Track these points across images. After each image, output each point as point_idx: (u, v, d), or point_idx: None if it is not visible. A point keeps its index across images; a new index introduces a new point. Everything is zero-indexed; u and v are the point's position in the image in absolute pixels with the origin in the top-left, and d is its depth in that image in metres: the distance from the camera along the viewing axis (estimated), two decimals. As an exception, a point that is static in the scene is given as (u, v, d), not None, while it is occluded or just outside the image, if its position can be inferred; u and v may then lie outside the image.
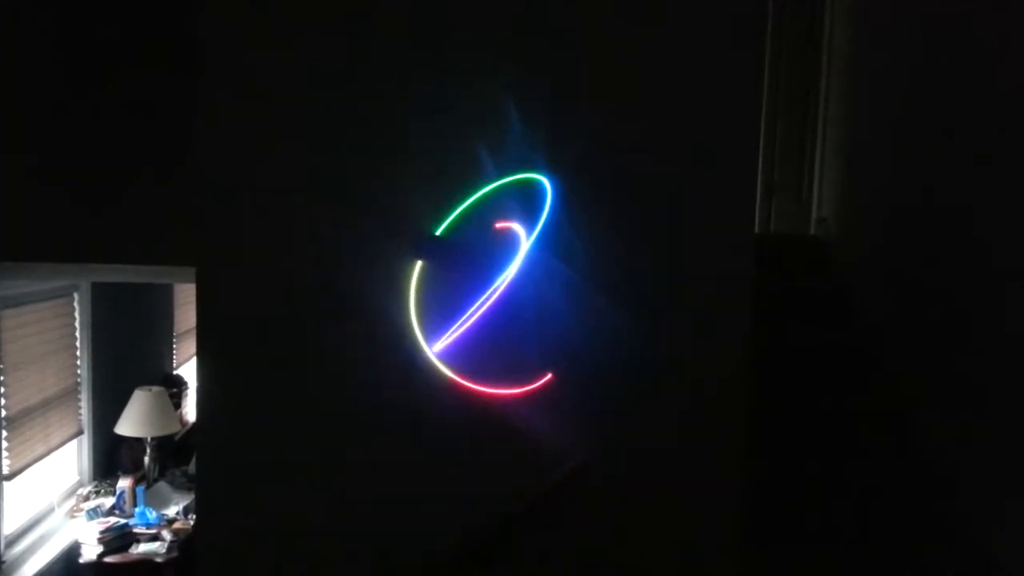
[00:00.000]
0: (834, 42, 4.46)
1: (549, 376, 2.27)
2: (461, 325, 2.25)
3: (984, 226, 2.68)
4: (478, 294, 2.26)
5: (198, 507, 2.45)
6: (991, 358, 2.57)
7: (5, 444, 3.67)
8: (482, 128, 2.27)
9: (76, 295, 4.33)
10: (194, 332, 2.32)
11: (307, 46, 2.28)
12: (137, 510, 4.34)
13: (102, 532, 4.06)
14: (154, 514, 4.35)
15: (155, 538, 4.19)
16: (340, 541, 2.35)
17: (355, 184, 2.30)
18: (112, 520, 4.19)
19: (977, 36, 2.83)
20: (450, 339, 2.26)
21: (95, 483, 4.54)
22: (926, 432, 2.95)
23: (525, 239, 2.24)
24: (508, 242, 2.27)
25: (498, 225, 2.25)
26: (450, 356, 2.28)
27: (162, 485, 4.71)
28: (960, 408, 2.77)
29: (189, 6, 2.32)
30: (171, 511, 4.49)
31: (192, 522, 4.31)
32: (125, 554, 4.08)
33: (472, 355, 2.28)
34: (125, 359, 4.90)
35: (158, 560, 4.07)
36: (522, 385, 2.29)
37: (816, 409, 3.18)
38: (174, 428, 4.84)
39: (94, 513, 4.22)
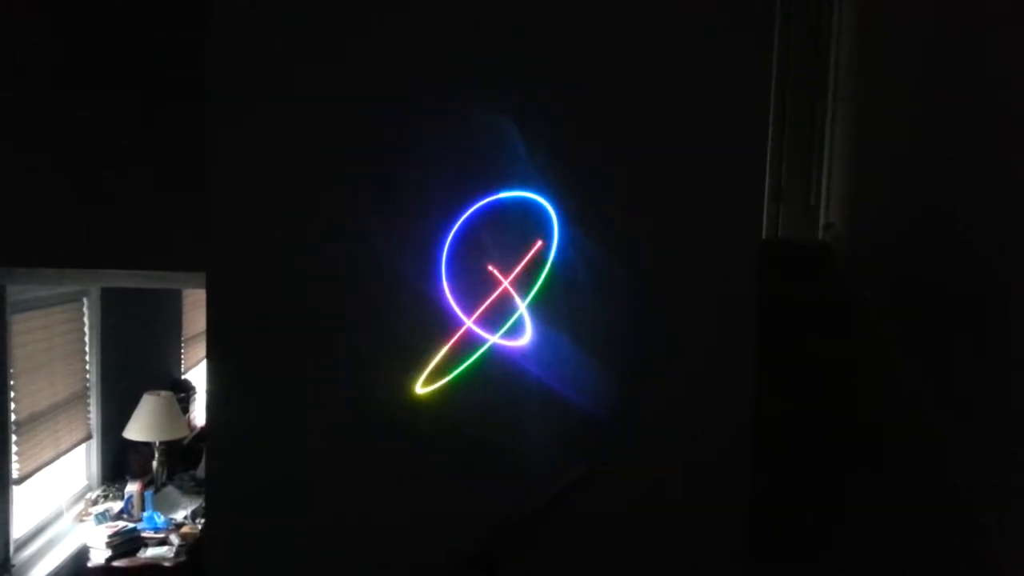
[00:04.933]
0: (841, 50, 4.46)
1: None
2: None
3: (993, 233, 2.67)
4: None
5: (206, 511, 2.46)
6: (999, 367, 2.56)
7: (15, 448, 3.69)
8: (491, 128, 2.28)
9: (85, 300, 4.35)
10: (202, 337, 2.34)
11: (314, 48, 2.30)
12: (145, 514, 4.35)
13: (110, 536, 4.07)
14: (162, 518, 4.36)
15: (163, 542, 4.21)
16: (350, 547, 2.35)
17: (367, 188, 2.30)
18: (120, 524, 4.21)
19: (985, 42, 2.82)
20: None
21: (103, 487, 4.55)
22: (933, 442, 2.94)
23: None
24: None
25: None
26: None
27: (170, 489, 4.73)
28: (969, 417, 2.76)
29: (196, 7, 2.33)
30: (179, 515, 4.50)
31: (200, 526, 4.32)
32: (133, 558, 4.09)
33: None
34: (134, 364, 4.92)
35: (166, 564, 4.08)
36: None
37: (822, 418, 3.17)
38: (182, 432, 4.86)
39: (102, 517, 4.24)
